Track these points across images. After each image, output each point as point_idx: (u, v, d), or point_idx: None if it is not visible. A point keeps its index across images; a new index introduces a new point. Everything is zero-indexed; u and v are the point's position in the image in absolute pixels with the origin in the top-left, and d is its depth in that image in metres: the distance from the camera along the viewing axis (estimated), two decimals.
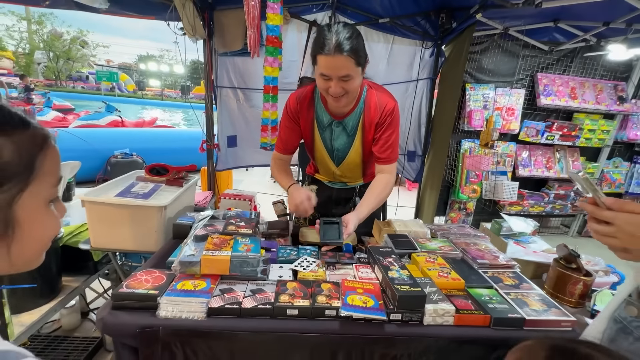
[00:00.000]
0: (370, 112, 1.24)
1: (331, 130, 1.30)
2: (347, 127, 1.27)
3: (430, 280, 0.95)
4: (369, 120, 1.25)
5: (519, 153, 3.35)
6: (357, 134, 1.28)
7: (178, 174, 1.56)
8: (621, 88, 3.28)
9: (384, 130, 1.24)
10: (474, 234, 1.33)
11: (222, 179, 3.29)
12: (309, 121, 1.30)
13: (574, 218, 3.83)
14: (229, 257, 0.87)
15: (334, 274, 0.98)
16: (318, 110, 1.28)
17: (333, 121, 1.27)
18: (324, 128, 1.30)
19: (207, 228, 1.02)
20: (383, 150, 1.26)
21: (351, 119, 1.26)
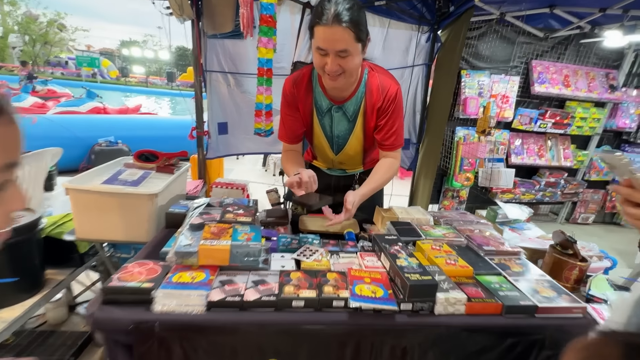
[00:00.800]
0: (372, 97, 1.18)
1: (331, 116, 1.23)
2: (348, 113, 1.21)
3: (438, 268, 0.92)
4: (370, 105, 1.19)
5: (512, 141, 3.36)
6: (358, 120, 1.22)
7: (169, 161, 1.48)
8: (612, 76, 3.31)
9: (387, 117, 1.19)
10: (476, 221, 1.31)
11: (212, 168, 3.20)
12: (307, 106, 1.23)
13: (562, 205, 3.91)
14: (229, 246, 0.82)
15: (338, 263, 0.94)
16: (316, 95, 1.21)
17: (332, 106, 1.21)
18: (322, 114, 1.24)
19: (203, 216, 0.95)
20: (387, 137, 1.21)
21: (352, 104, 1.20)
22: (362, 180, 1.47)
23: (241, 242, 0.84)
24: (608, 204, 3.89)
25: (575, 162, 3.50)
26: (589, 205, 3.88)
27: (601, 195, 3.86)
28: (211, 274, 0.80)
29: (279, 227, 1.15)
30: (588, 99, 3.27)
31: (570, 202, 3.85)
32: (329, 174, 1.47)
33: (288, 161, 1.28)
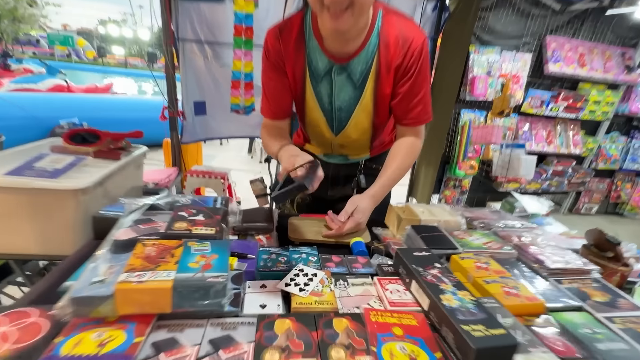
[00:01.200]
0: (388, 51, 0.85)
1: (330, 81, 0.90)
2: (354, 75, 0.88)
3: (495, 301, 0.62)
4: (386, 63, 0.86)
5: (520, 126, 3.09)
6: (368, 85, 0.89)
7: (115, 143, 1.12)
8: (629, 56, 3.05)
9: (411, 81, 0.87)
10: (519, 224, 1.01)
11: (189, 154, 2.81)
12: (298, 68, 0.89)
13: (565, 195, 3.71)
14: (171, 283, 0.48)
15: (347, 297, 0.62)
16: (310, 52, 0.87)
17: (333, 66, 0.87)
18: (319, 78, 0.90)
19: (138, 227, 0.61)
20: (410, 108, 0.90)
21: (359, 62, 0.86)
22: (368, 170, 1.14)
23: (193, 273, 0.51)
24: (613, 194, 3.72)
25: (585, 149, 3.27)
26: (594, 195, 3.70)
27: (606, 184, 3.67)
28: (138, 332, 0.47)
29: (260, 236, 0.82)
30: (603, 81, 3.01)
31: (574, 192, 3.66)
32: (325, 161, 1.14)
33: (270, 136, 0.98)
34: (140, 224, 0.62)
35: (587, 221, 3.65)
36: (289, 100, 0.97)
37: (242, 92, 1.50)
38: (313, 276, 0.66)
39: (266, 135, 0.99)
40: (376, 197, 0.91)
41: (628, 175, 3.64)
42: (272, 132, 0.99)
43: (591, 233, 0.95)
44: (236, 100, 1.54)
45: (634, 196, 3.73)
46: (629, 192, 3.71)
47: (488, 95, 2.78)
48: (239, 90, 1.49)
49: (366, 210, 0.88)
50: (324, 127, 1.00)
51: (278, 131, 0.99)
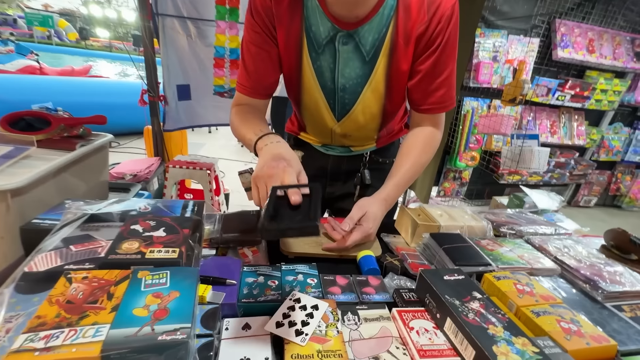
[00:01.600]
0: (409, 15, 0.67)
1: (333, 52, 0.71)
2: (364, 45, 0.70)
3: (554, 344, 0.47)
4: (405, 31, 0.68)
5: (524, 115, 2.95)
6: (381, 59, 0.71)
7: (69, 130, 0.92)
8: (639, 43, 2.91)
9: (437, 54, 0.69)
10: (552, 230, 0.86)
11: (173, 142, 2.60)
12: (292, 34, 0.71)
13: (565, 188, 3.62)
14: (97, 349, 0.31)
15: (360, 341, 0.46)
16: (309, 13, 0.69)
17: (338, 32, 0.69)
18: (319, 47, 0.71)
19: (67, 249, 0.44)
20: (432, 90, 0.72)
21: (372, 29, 0.68)
22: (374, 163, 0.98)
23: (137, 328, 0.34)
24: (612, 186, 3.65)
25: (588, 140, 3.16)
26: (593, 188, 3.62)
27: (606, 176, 3.60)
28: None
29: (244, 249, 0.65)
30: (612, 68, 2.87)
31: (573, 185, 3.58)
32: (324, 152, 0.97)
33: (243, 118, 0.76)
34: (73, 244, 0.44)
35: (587, 214, 3.58)
36: (274, 75, 0.78)
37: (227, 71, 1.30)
38: (313, 310, 0.49)
39: (237, 117, 0.77)
40: (388, 200, 0.75)
41: (629, 167, 3.57)
42: (245, 113, 0.78)
43: (612, 233, 0.84)
44: (220, 81, 1.34)
45: (633, 188, 3.67)
46: (628, 184, 3.65)
47: (493, 82, 2.62)
48: (223, 69, 1.28)
49: (377, 218, 0.72)
50: (325, 112, 0.82)
51: (253, 113, 0.78)
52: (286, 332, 0.45)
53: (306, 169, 1.03)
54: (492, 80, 2.62)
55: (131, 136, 4.12)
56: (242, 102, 0.80)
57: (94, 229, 0.49)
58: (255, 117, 0.77)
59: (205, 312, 0.46)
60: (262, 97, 0.80)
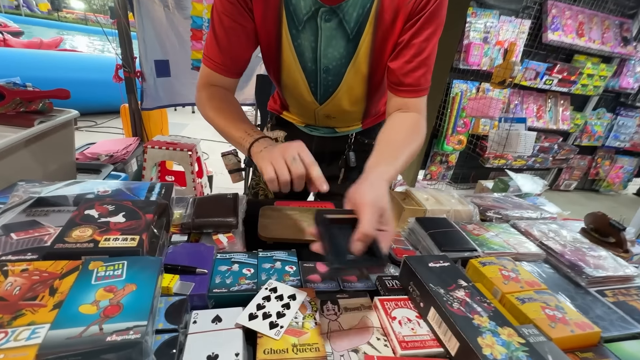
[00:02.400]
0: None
1: (315, 29, 0.65)
2: (347, 22, 0.64)
3: (538, 332, 0.45)
4: (392, 6, 0.62)
5: (512, 99, 2.95)
6: (365, 35, 0.65)
7: (27, 105, 0.84)
8: (627, 27, 2.91)
9: (420, 25, 0.62)
10: (537, 215, 0.85)
11: (152, 121, 2.47)
12: (270, 7, 0.64)
13: (547, 172, 3.70)
14: (33, 351, 0.27)
15: (339, 332, 0.44)
16: None
17: (321, 8, 0.62)
18: (300, 23, 0.65)
19: (9, 237, 0.38)
20: (413, 68, 0.65)
21: (356, 4, 0.62)
22: (359, 145, 0.93)
23: (83, 327, 0.30)
24: (592, 171, 3.74)
25: (572, 125, 3.20)
26: (574, 172, 3.71)
27: (587, 161, 3.68)
28: None
29: (218, 236, 0.60)
30: (599, 53, 2.87)
31: (555, 169, 3.65)
32: (308, 133, 0.92)
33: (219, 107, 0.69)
34: (14, 231, 0.39)
35: (566, 198, 3.68)
36: (248, 52, 0.70)
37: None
38: (290, 300, 0.46)
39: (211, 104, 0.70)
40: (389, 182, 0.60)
41: (608, 152, 3.65)
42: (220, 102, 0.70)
43: (592, 216, 0.84)
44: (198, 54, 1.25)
45: (611, 173, 3.78)
46: (607, 169, 3.75)
47: (483, 64, 2.58)
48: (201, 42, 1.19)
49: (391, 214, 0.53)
50: (306, 93, 0.77)
51: (229, 101, 0.71)
52: (259, 325, 0.42)
53: None
54: (482, 62, 2.58)
55: (109, 115, 3.92)
56: (212, 82, 0.72)
57: (42, 214, 0.43)
58: (235, 109, 0.70)
59: (170, 304, 0.42)
60: (235, 75, 0.73)
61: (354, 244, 0.41)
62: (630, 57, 2.96)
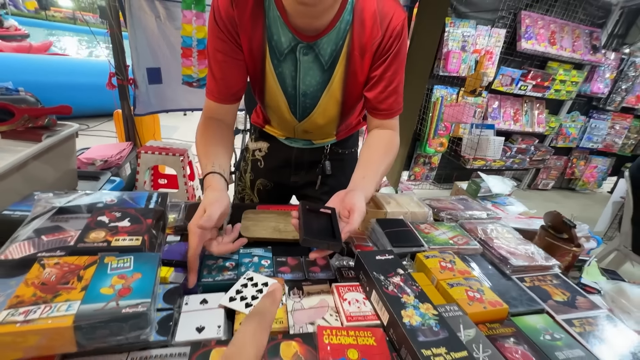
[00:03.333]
0: (363, 30, 0.73)
1: (295, 62, 0.76)
2: (322, 56, 0.75)
3: (458, 308, 0.58)
4: (360, 44, 0.74)
5: (490, 103, 3.11)
6: (338, 68, 0.77)
7: (34, 121, 0.94)
8: (596, 36, 3.09)
9: (387, 64, 0.75)
10: (486, 213, 0.99)
11: (145, 126, 2.56)
12: (255, 43, 0.74)
13: (526, 172, 3.88)
14: (70, 320, 0.38)
15: (302, 310, 0.56)
16: (271, 24, 0.72)
17: (299, 44, 0.73)
18: (281, 56, 0.76)
19: (39, 239, 0.50)
20: (385, 97, 0.79)
21: (330, 41, 0.73)
22: (334, 155, 1.05)
23: (104, 303, 0.41)
24: (568, 170, 3.94)
25: (547, 127, 3.38)
26: (551, 172, 3.90)
27: (563, 161, 3.88)
28: None
29: None
30: (570, 60, 3.05)
31: (533, 169, 3.83)
32: (288, 145, 1.03)
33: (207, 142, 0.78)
34: (44, 234, 0.50)
35: (544, 196, 3.87)
36: (242, 81, 0.80)
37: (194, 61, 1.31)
38: (263, 286, 0.58)
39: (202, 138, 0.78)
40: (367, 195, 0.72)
41: (583, 153, 3.85)
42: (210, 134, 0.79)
43: (549, 215, 0.96)
44: (188, 70, 1.35)
45: (586, 173, 3.98)
46: (582, 168, 3.95)
47: (461, 71, 2.73)
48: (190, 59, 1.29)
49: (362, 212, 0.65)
50: (286, 113, 0.88)
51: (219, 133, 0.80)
52: (237, 305, 0.54)
53: (272, 160, 1.09)
54: (460, 69, 2.73)
55: (100, 118, 3.98)
56: (212, 114, 0.81)
57: (64, 220, 0.54)
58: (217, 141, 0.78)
59: (167, 290, 0.53)
60: (231, 102, 0.82)
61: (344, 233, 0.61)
62: (600, 64, 3.15)
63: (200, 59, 1.32)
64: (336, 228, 0.62)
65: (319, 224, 0.63)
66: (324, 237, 0.60)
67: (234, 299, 0.55)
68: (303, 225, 0.60)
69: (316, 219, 0.64)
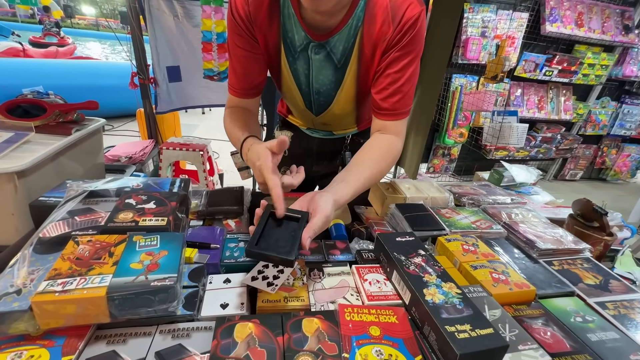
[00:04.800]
0: (374, 26, 0.69)
1: (307, 59, 0.75)
2: (335, 54, 0.73)
3: (482, 289, 0.57)
4: (371, 41, 0.70)
5: (513, 91, 2.99)
6: (351, 66, 0.75)
7: (64, 116, 0.98)
8: (628, 15, 2.90)
9: (394, 58, 0.69)
10: (510, 200, 0.96)
11: (165, 124, 2.64)
12: (271, 40, 0.74)
13: (552, 162, 3.72)
14: (103, 291, 0.40)
15: (322, 290, 0.56)
16: (286, 22, 0.71)
17: (311, 42, 0.72)
18: (295, 54, 0.75)
19: (73, 219, 0.52)
20: (388, 95, 0.72)
21: (341, 39, 0.71)
22: (355, 145, 1.04)
23: (134, 277, 0.43)
24: (598, 160, 3.74)
25: (575, 115, 3.22)
26: (579, 161, 3.72)
27: (592, 150, 3.68)
28: (69, 349, 0.40)
29: (227, 220, 0.74)
30: (600, 42, 2.88)
31: (560, 159, 3.67)
32: (309, 135, 1.03)
33: (234, 122, 0.78)
34: (77, 215, 0.53)
35: (572, 187, 3.69)
36: (262, 74, 0.80)
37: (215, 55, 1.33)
38: (284, 267, 0.59)
39: (229, 121, 0.79)
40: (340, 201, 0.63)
41: (614, 140, 3.65)
42: (237, 117, 0.79)
43: (578, 203, 0.92)
44: (209, 64, 1.38)
45: (617, 162, 3.77)
46: (613, 157, 3.74)
47: (481, 58, 2.64)
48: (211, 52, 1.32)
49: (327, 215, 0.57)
50: (303, 108, 0.88)
51: (244, 115, 0.81)
52: (259, 284, 0.55)
53: (294, 149, 1.10)
54: (480, 57, 2.64)
55: (124, 119, 4.13)
56: (234, 104, 0.82)
57: (94, 203, 0.57)
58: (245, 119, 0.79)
59: (192, 269, 0.55)
60: (253, 96, 0.82)
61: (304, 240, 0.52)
62: (633, 45, 2.96)
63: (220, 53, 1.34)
64: (293, 243, 0.51)
65: (279, 232, 0.54)
66: (274, 249, 0.50)
67: (255, 278, 0.56)
68: (259, 232, 0.52)
69: (278, 225, 0.56)
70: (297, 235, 0.52)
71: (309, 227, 0.53)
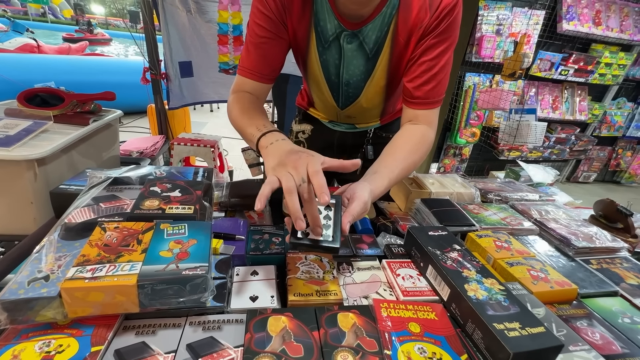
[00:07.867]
0: (409, 13, 0.66)
1: (339, 49, 0.72)
2: (367, 43, 0.71)
3: (521, 287, 0.54)
4: (407, 28, 0.67)
5: (527, 90, 2.93)
6: (383, 56, 0.72)
7: (81, 106, 0.97)
8: None
9: (430, 44, 0.66)
10: (538, 197, 0.92)
11: (176, 120, 2.63)
12: (302, 26, 0.71)
13: (565, 163, 3.65)
14: (134, 279, 0.38)
15: (353, 284, 0.54)
16: (319, 10, 0.68)
17: (344, 31, 0.69)
18: (326, 43, 0.72)
19: (98, 206, 0.50)
20: (422, 83, 0.69)
21: (375, 28, 0.68)
22: (378, 139, 1.01)
23: (164, 265, 0.41)
24: (612, 162, 3.67)
25: (590, 115, 3.15)
26: (593, 163, 3.65)
27: (607, 152, 3.61)
28: (97, 339, 0.38)
29: (250, 213, 0.72)
30: (618, 42, 2.82)
31: (574, 160, 3.60)
32: (331, 128, 1.00)
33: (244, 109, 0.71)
34: (102, 202, 0.51)
35: (585, 190, 3.62)
36: (282, 59, 0.76)
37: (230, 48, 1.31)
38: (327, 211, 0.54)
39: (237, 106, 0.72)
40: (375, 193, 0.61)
41: (630, 142, 3.57)
42: (245, 103, 0.72)
43: (601, 203, 0.89)
44: (225, 58, 1.36)
45: (633, 164, 3.69)
46: (628, 160, 3.66)
47: (496, 57, 2.60)
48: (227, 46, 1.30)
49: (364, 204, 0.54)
50: (329, 99, 0.85)
51: (253, 103, 0.74)
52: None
53: (315, 142, 1.07)
54: (494, 55, 2.59)
55: (134, 115, 4.14)
56: (243, 89, 0.76)
57: (118, 190, 0.55)
58: (256, 110, 0.73)
59: (218, 260, 0.53)
60: (268, 81, 0.77)
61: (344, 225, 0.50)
62: None
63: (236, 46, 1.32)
64: (337, 224, 0.50)
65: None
66: (319, 242, 0.49)
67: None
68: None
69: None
70: (336, 220, 0.51)
71: (348, 212, 0.51)
